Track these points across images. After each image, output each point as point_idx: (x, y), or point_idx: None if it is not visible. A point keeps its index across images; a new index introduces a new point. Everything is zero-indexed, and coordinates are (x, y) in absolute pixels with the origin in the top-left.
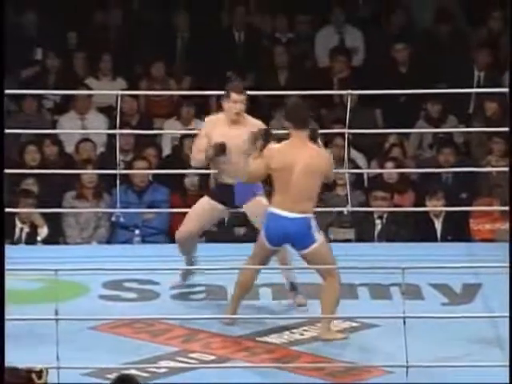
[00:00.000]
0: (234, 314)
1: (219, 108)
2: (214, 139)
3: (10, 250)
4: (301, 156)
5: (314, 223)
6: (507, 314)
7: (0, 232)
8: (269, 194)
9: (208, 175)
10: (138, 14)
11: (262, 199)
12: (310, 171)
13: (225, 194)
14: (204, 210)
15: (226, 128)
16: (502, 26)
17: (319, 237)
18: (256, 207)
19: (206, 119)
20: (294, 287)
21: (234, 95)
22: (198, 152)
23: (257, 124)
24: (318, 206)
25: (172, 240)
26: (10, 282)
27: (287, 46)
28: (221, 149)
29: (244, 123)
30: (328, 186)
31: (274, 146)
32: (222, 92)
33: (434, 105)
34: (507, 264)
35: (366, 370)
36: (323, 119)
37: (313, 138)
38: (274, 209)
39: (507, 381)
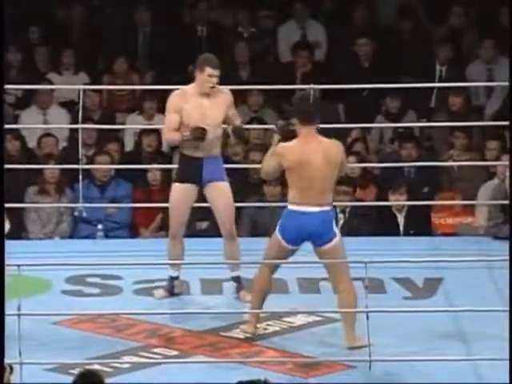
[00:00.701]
0: (257, 323)
1: None
2: (187, 112)
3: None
4: (316, 150)
5: (334, 217)
6: (468, 308)
7: (0, 231)
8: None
9: (170, 170)
10: (100, 9)
11: (226, 185)
12: (327, 163)
13: (192, 171)
14: (183, 196)
15: (199, 100)
16: (462, 22)
17: (338, 231)
18: (218, 192)
19: (172, 94)
20: (239, 282)
21: (209, 69)
22: (170, 131)
23: (227, 92)
24: (280, 201)
25: (134, 234)
26: None
27: (249, 40)
28: (201, 135)
29: (215, 94)
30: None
31: (286, 143)
32: (183, 87)
33: (392, 100)
34: (468, 258)
35: (329, 364)
36: (286, 114)
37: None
38: (293, 206)
39: (470, 375)
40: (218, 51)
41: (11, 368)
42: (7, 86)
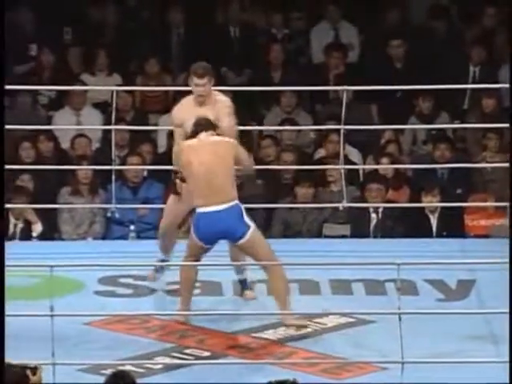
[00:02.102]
0: (187, 308)
1: None
2: (187, 124)
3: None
4: (202, 149)
5: (243, 209)
6: (502, 310)
7: (0, 231)
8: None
9: None
10: (134, 10)
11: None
12: (216, 159)
13: None
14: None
15: (194, 109)
16: (495, 23)
17: (251, 222)
18: None
19: (174, 107)
20: (244, 284)
21: (194, 79)
22: (176, 145)
23: (224, 101)
24: (312, 202)
25: None
26: (11, 278)
27: (282, 42)
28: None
29: (211, 103)
30: (322, 182)
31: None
32: (216, 88)
33: (425, 101)
34: (501, 260)
35: (361, 366)
36: (318, 115)
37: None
38: (200, 209)
39: (502, 377)
40: (251, 52)
41: (36, 368)
42: (41, 87)
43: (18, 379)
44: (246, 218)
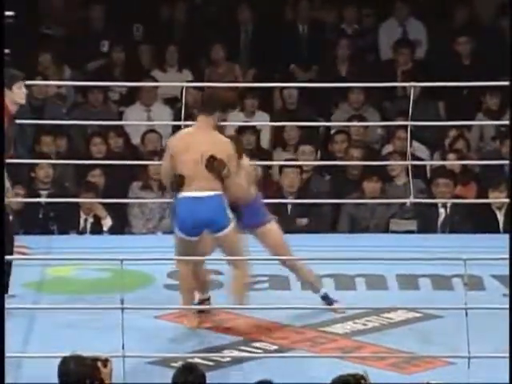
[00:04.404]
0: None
1: (282, 100)
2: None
3: (75, 239)
4: (200, 140)
5: (226, 202)
6: None
7: (0, 230)
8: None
9: (270, 167)
10: (204, 7)
11: None
12: (210, 151)
13: None
14: None
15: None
16: None
17: (233, 220)
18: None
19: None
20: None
21: None
22: None
23: None
24: (379, 198)
25: None
26: (76, 271)
27: (351, 38)
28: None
29: None
30: (389, 178)
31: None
32: (285, 84)
33: (492, 98)
34: None
35: (428, 360)
36: (386, 111)
37: None
38: (181, 194)
39: None
40: (319, 48)
41: (106, 360)
42: (112, 84)
43: (90, 371)
44: (229, 212)
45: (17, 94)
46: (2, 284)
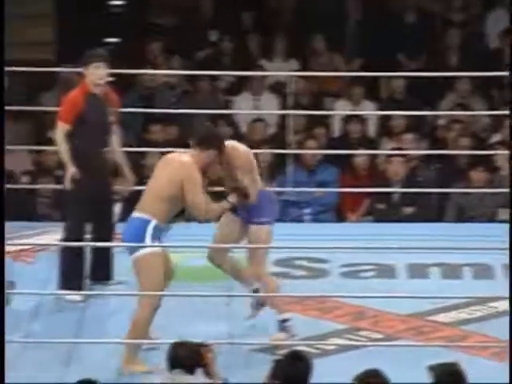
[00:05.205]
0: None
1: (390, 89)
2: None
3: (182, 227)
4: (167, 163)
5: (152, 228)
6: None
7: (0, 231)
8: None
9: (375, 156)
10: None
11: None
12: (166, 176)
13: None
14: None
15: None
16: None
17: (152, 248)
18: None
19: None
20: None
21: None
22: None
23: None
24: (487, 187)
25: (341, 219)
26: (186, 259)
27: (459, 27)
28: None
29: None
30: (497, 167)
31: None
32: (391, 74)
33: None
34: None
35: None
36: (494, 101)
37: None
38: None
39: None
40: (427, 38)
41: (210, 347)
42: (220, 73)
43: (194, 356)
44: (149, 239)
45: (93, 75)
46: (2, 284)
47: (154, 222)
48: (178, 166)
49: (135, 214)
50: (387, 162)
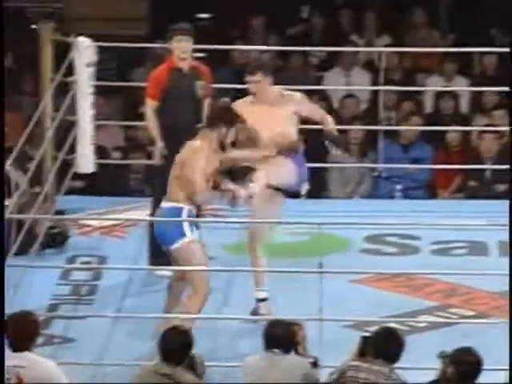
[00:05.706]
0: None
1: (483, 65)
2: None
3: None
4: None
5: (185, 215)
6: None
7: (0, 229)
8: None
9: (467, 132)
10: None
11: None
12: (178, 161)
13: None
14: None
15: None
16: None
17: (191, 233)
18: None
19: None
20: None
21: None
22: None
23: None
24: None
25: (432, 195)
26: (274, 235)
27: None
28: None
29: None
30: None
31: None
32: (485, 49)
33: None
34: None
35: None
36: None
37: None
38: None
39: None
40: None
41: (301, 325)
42: (312, 48)
43: (290, 335)
44: (186, 227)
45: (176, 49)
46: (2, 284)
47: (186, 209)
48: (186, 150)
49: (165, 204)
50: (479, 139)
